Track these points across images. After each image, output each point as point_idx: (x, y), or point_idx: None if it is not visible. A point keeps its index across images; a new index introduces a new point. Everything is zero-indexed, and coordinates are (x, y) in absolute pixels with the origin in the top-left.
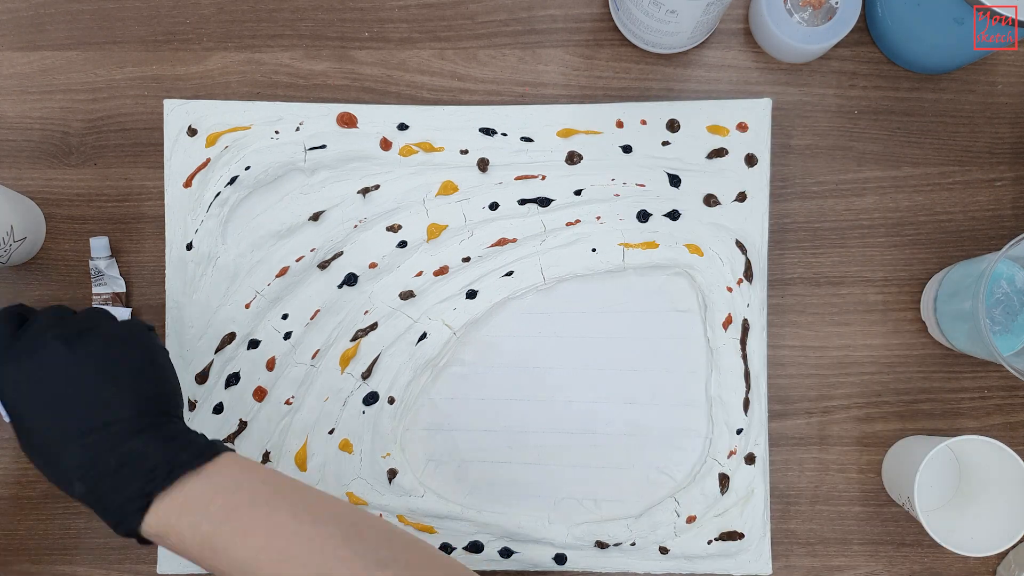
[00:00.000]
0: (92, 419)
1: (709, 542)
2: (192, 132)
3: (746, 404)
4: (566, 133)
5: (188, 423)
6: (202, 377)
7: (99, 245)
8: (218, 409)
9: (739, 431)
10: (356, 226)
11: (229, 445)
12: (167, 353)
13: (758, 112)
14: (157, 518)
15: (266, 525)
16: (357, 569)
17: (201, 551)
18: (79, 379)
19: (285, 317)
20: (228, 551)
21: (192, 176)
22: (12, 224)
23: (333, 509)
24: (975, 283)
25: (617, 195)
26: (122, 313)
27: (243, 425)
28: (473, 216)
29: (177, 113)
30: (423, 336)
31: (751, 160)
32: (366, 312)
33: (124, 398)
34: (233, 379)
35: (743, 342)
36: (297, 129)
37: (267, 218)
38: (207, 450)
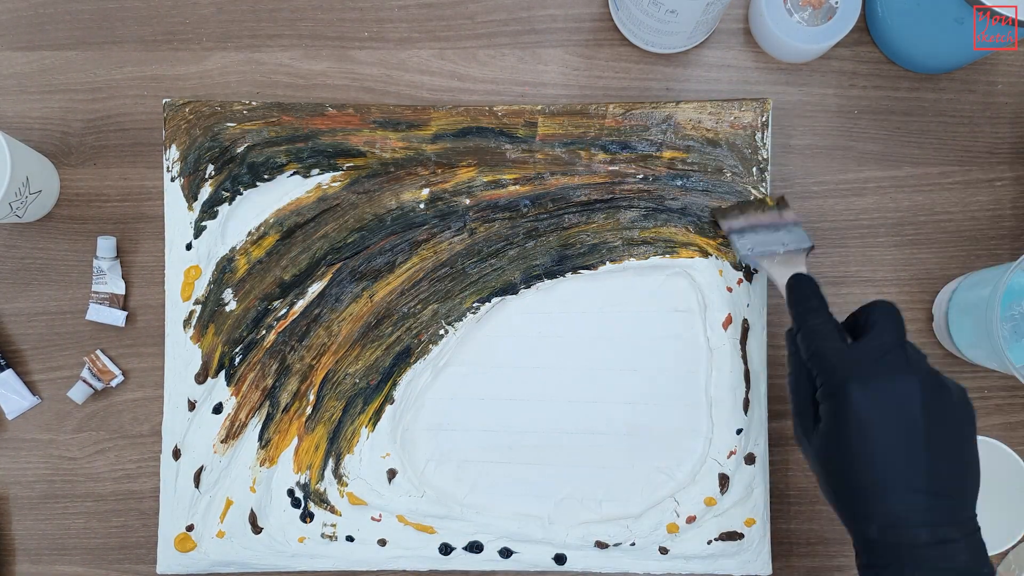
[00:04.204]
0: (928, 484)
1: (709, 542)
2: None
3: (746, 404)
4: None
5: (187, 423)
6: (202, 377)
7: (106, 245)
8: (217, 409)
9: (739, 431)
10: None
11: None
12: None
13: (758, 112)
14: None
15: None
16: None
17: None
18: (914, 435)
19: (284, 317)
20: None
21: (192, 176)
22: (28, 175)
23: None
24: (987, 305)
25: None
26: (117, 316)
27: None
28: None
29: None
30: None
31: (751, 160)
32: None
33: (956, 483)
34: (232, 379)
35: (743, 342)
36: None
37: (267, 218)
38: None
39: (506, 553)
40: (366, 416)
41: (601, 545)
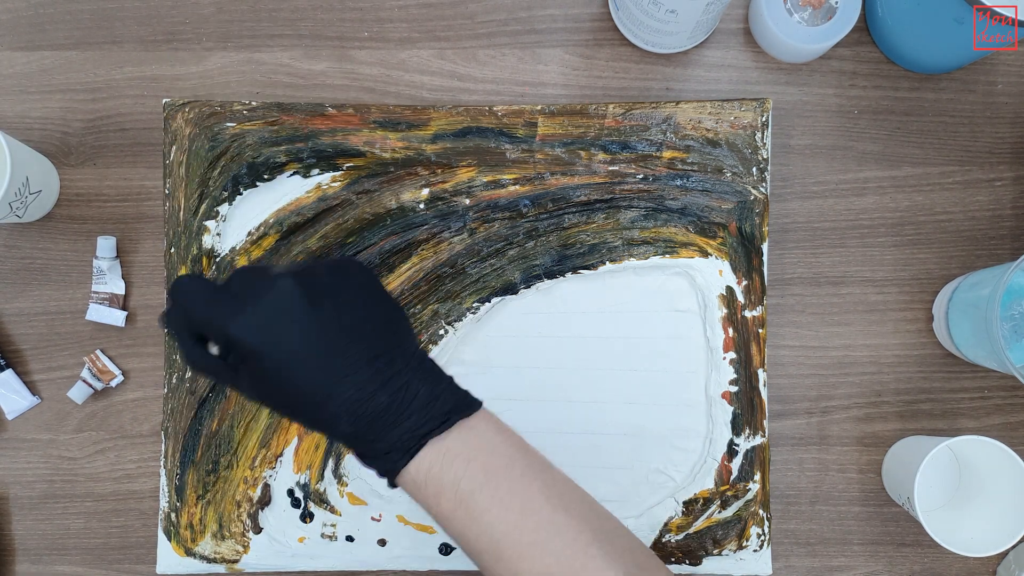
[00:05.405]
0: (355, 357)
1: (709, 542)
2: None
3: (746, 404)
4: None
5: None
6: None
7: (106, 245)
8: None
9: (739, 431)
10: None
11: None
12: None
13: (758, 112)
14: (424, 463)
15: (521, 499)
16: (605, 573)
17: (455, 510)
18: (330, 322)
19: None
20: (483, 518)
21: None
22: (27, 175)
23: (582, 498)
24: (987, 305)
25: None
26: (117, 316)
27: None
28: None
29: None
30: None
31: (751, 160)
32: None
33: (380, 336)
34: None
35: (743, 342)
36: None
37: (267, 218)
38: (473, 401)
39: None
40: None
41: None
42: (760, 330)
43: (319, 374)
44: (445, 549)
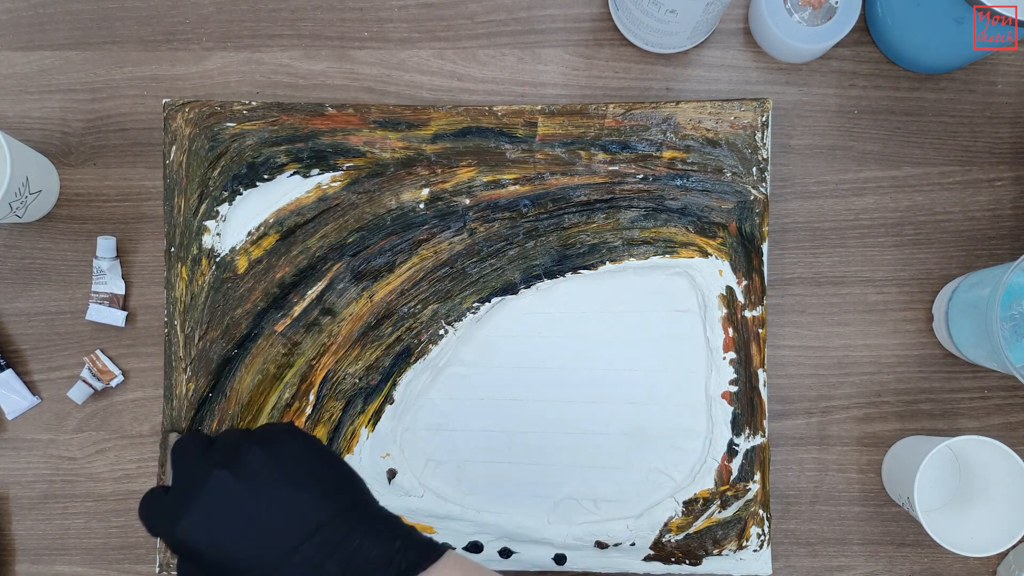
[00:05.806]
0: (296, 532)
1: (709, 542)
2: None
3: (746, 404)
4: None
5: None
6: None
7: (106, 245)
8: None
9: (739, 431)
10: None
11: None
12: (319, 440)
13: (758, 112)
14: None
15: None
16: None
17: None
18: (265, 500)
19: (284, 317)
20: None
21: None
22: (27, 175)
23: None
24: (987, 305)
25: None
26: (117, 316)
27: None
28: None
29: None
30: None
31: (751, 160)
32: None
33: (321, 503)
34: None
35: (743, 342)
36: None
37: (267, 218)
38: (431, 551)
39: (506, 553)
40: (366, 416)
41: (601, 545)
42: (760, 330)
43: (264, 559)
44: None
